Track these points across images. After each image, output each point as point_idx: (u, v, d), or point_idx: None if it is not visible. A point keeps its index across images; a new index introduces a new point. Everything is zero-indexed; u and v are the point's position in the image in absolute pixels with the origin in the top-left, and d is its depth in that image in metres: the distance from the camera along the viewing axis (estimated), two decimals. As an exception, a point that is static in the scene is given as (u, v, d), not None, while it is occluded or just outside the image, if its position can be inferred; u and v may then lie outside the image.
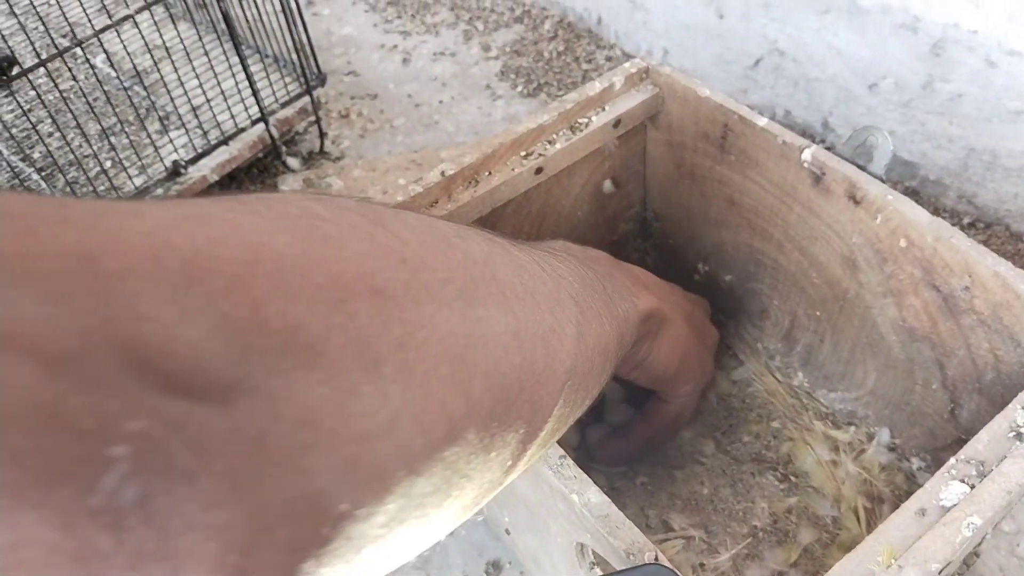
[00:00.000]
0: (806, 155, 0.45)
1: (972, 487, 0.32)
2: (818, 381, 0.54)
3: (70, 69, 0.61)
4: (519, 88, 0.87)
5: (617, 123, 0.50)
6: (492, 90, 0.88)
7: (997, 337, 0.40)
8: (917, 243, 0.41)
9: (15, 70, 0.58)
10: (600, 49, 0.90)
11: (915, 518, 0.32)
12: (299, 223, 0.20)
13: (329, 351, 0.19)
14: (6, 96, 0.77)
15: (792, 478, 0.52)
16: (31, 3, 0.59)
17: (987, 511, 0.31)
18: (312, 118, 0.80)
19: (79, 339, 0.14)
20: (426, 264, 0.23)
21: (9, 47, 0.55)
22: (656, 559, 0.31)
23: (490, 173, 0.48)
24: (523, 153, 0.48)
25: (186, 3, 0.85)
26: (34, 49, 0.59)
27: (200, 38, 0.75)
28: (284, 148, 0.79)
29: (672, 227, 0.58)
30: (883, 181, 0.43)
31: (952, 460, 0.33)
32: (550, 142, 0.49)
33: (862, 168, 0.44)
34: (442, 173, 0.46)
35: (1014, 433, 0.34)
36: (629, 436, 0.52)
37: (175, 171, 0.72)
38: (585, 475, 0.34)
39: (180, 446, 0.15)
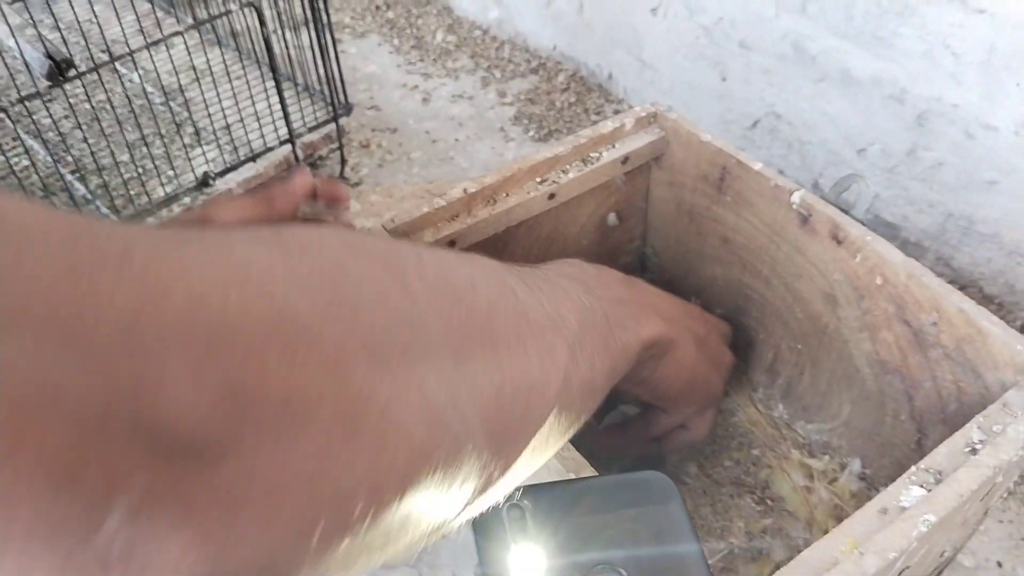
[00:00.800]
0: (795, 198, 0.49)
1: (929, 491, 0.36)
2: (797, 413, 0.57)
3: (120, 78, 0.65)
4: (531, 133, 0.93)
5: (625, 160, 0.55)
6: (505, 132, 0.93)
7: (960, 369, 0.44)
8: (891, 280, 0.46)
9: (71, 72, 0.62)
10: (609, 103, 0.96)
11: (877, 515, 0.35)
12: (326, 280, 0.23)
13: (317, 418, 0.21)
14: (50, 100, 0.82)
15: (768, 502, 0.55)
16: (92, 12, 0.63)
17: (941, 511, 0.35)
18: (335, 145, 0.84)
19: (107, 406, 0.17)
20: (428, 324, 0.26)
21: (69, 51, 0.60)
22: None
23: (507, 194, 0.52)
24: (539, 179, 0.53)
25: (231, 28, 0.90)
26: (91, 55, 0.63)
27: (241, 60, 0.80)
28: (307, 170, 0.84)
29: (669, 262, 0.62)
30: (863, 224, 0.47)
31: (913, 468, 0.37)
32: (564, 171, 0.54)
33: (845, 212, 0.48)
34: (464, 190, 0.50)
35: (969, 448, 0.38)
36: (627, 432, 0.53)
37: (204, 182, 0.76)
38: (582, 457, 0.37)
39: (171, 501, 0.18)
